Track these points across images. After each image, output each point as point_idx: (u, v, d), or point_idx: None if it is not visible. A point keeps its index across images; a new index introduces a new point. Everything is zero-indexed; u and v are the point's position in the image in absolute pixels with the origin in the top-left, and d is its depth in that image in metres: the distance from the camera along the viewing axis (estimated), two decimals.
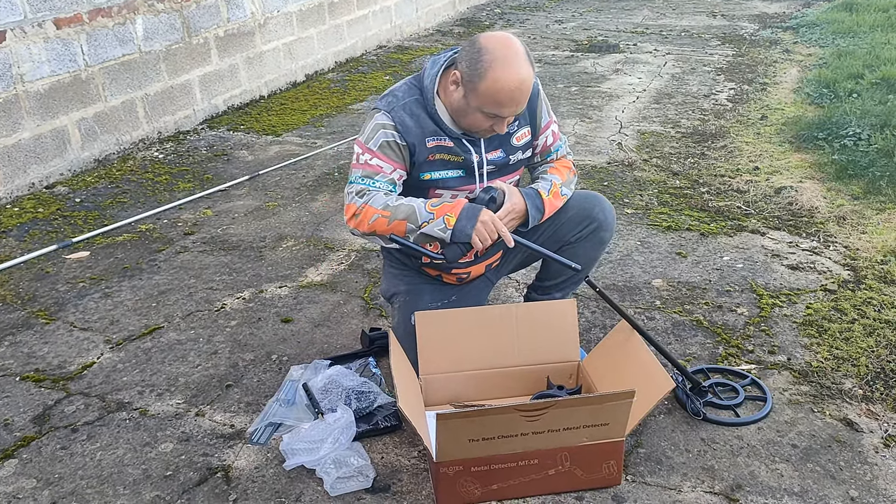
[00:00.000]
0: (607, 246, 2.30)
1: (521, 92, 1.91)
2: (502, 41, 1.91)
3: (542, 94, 2.15)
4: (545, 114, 2.17)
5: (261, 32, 5.23)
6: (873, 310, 2.61)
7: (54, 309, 2.77)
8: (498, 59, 1.88)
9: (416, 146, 2.03)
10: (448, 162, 2.06)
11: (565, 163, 2.26)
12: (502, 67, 1.87)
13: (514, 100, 1.92)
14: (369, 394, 2.12)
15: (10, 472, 1.99)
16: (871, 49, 5.90)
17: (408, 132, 2.01)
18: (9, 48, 3.60)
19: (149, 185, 3.89)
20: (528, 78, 1.91)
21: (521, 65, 1.89)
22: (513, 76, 1.88)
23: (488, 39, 1.91)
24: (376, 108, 2.04)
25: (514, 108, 1.95)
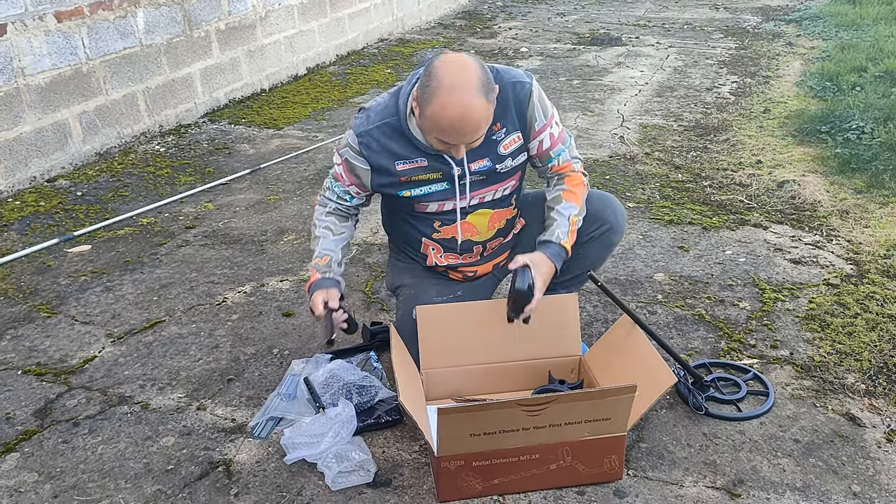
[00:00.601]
0: (616, 247, 2.29)
1: (464, 122, 1.81)
2: (454, 68, 1.81)
3: (535, 98, 2.03)
4: (539, 117, 2.05)
5: (262, 25, 5.21)
6: (876, 304, 2.61)
7: (56, 303, 2.77)
8: (444, 87, 1.79)
9: (381, 169, 2.03)
10: (426, 179, 2.04)
11: (577, 180, 2.12)
12: (446, 96, 1.78)
13: (457, 130, 1.83)
14: (370, 388, 2.12)
15: (11, 465, 1.99)
16: (875, 42, 5.88)
17: (373, 157, 2.01)
18: (10, 41, 3.59)
19: (150, 179, 3.89)
20: (473, 109, 1.80)
21: (466, 95, 1.78)
22: (455, 107, 1.79)
23: (441, 64, 1.83)
24: (351, 126, 2.04)
25: (460, 137, 1.86)
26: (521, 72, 2.05)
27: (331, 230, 2.16)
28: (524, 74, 2.04)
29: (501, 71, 2.02)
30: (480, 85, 1.81)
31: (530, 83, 2.02)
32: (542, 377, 2.17)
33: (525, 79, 2.02)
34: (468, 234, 2.13)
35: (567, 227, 2.06)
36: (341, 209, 2.18)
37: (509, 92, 1.99)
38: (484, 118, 1.85)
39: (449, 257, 2.20)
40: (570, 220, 2.07)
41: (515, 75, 2.02)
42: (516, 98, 2.00)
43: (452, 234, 2.14)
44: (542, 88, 2.07)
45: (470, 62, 1.85)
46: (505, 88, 1.98)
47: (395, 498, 1.85)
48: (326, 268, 2.11)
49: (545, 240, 2.05)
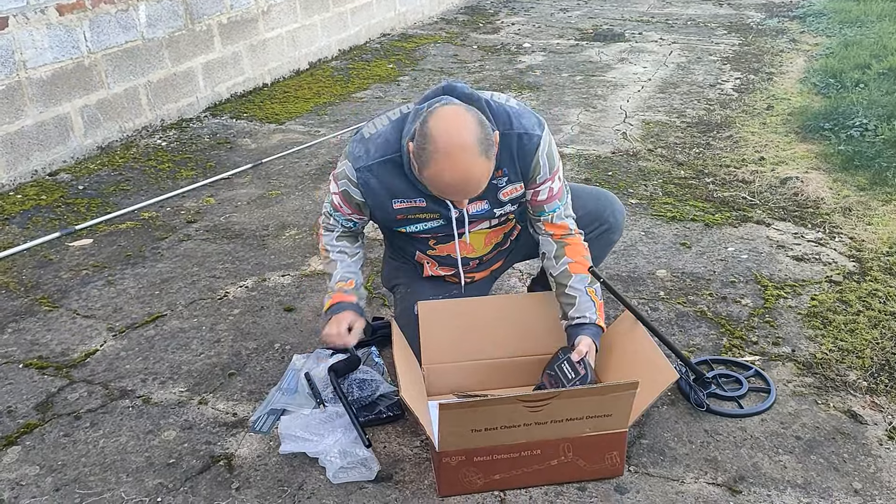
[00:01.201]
0: (615, 245, 2.28)
1: (466, 185, 1.77)
2: (450, 130, 1.71)
3: (541, 152, 1.94)
4: (543, 171, 1.96)
5: (264, 20, 5.20)
6: (878, 301, 2.60)
7: (57, 296, 2.77)
8: (440, 151, 1.70)
9: (379, 205, 1.98)
10: (423, 218, 2.01)
11: (579, 248, 2.04)
12: (444, 160, 1.71)
13: (458, 192, 1.80)
14: (371, 382, 2.12)
15: (13, 458, 1.99)
16: (879, 39, 5.86)
17: (370, 193, 1.95)
18: (11, 34, 3.58)
19: (151, 173, 3.89)
20: (473, 172, 1.74)
21: (465, 159, 1.71)
22: (454, 172, 1.72)
23: (437, 123, 1.73)
24: (348, 155, 1.96)
25: (463, 197, 1.83)
26: (533, 119, 1.95)
27: (346, 253, 2.13)
28: (536, 124, 1.94)
29: (513, 115, 1.92)
30: (478, 144, 1.72)
31: (539, 136, 1.93)
32: None
33: (535, 130, 1.93)
34: (465, 252, 2.12)
35: (592, 304, 2.00)
36: (349, 231, 2.14)
37: (515, 142, 1.91)
38: (485, 176, 1.78)
39: (445, 269, 2.19)
40: (589, 293, 2.00)
41: (527, 125, 1.93)
42: (521, 149, 1.92)
43: (448, 253, 2.12)
44: (552, 139, 1.99)
45: (467, 119, 1.74)
46: (510, 137, 1.90)
47: (395, 493, 1.85)
48: (355, 292, 2.08)
49: (579, 322, 1.98)
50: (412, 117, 1.87)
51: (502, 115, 1.91)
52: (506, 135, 1.89)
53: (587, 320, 1.98)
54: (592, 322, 1.99)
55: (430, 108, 1.79)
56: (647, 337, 2.01)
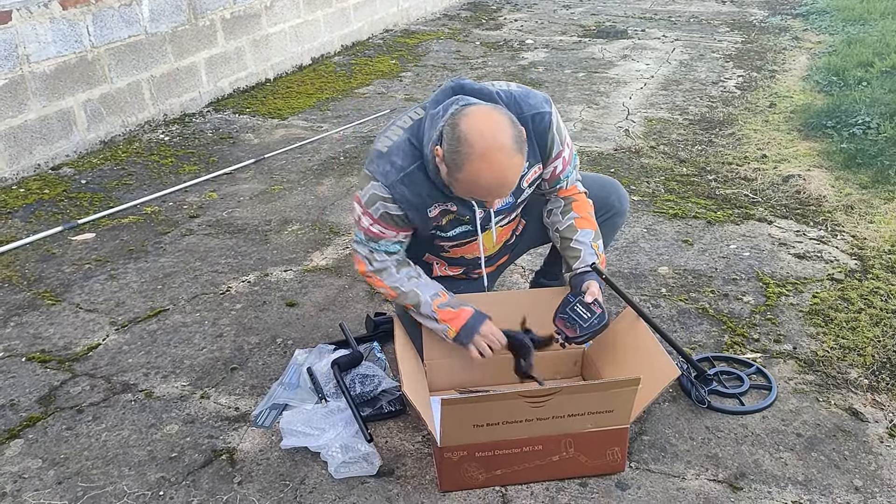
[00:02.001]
0: (620, 229, 2.30)
1: (503, 186, 1.76)
2: (483, 131, 1.69)
3: (553, 127, 1.95)
4: (556, 144, 1.97)
5: (267, 15, 5.20)
6: (880, 299, 2.60)
7: (60, 290, 2.78)
8: (476, 153, 1.69)
9: (417, 215, 1.92)
10: (454, 222, 1.99)
11: (585, 204, 2.07)
12: (481, 162, 1.69)
13: (493, 193, 1.78)
14: (373, 378, 2.13)
15: (16, 451, 2.00)
16: (882, 37, 5.85)
17: (408, 205, 1.89)
18: (14, 28, 3.58)
19: (154, 168, 3.89)
20: (511, 171, 1.73)
21: (503, 159, 1.70)
22: (492, 173, 1.71)
23: (470, 125, 1.70)
24: (373, 175, 1.87)
25: (497, 197, 1.83)
26: (539, 97, 1.95)
27: (415, 276, 2.02)
28: (542, 101, 1.94)
29: (520, 99, 1.92)
30: (514, 143, 1.71)
31: (549, 112, 1.93)
32: (545, 369, 2.17)
33: (544, 108, 1.93)
34: (476, 252, 2.12)
35: (595, 256, 2.01)
36: (401, 258, 2.03)
37: (530, 124, 1.90)
38: (518, 174, 1.78)
39: (454, 269, 2.19)
40: (593, 247, 2.02)
41: (535, 104, 1.92)
42: (537, 130, 1.93)
43: (462, 254, 2.12)
44: (557, 112, 1.99)
45: (501, 120, 1.73)
46: (525, 121, 1.88)
47: (397, 488, 1.86)
48: (456, 301, 2.01)
49: (584, 270, 2.00)
50: (429, 122, 1.84)
51: (512, 103, 1.91)
52: (520, 119, 1.88)
53: (594, 263, 2.01)
54: (596, 267, 2.01)
55: (455, 110, 1.77)
56: (649, 333, 2.01)
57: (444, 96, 1.85)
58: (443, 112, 1.80)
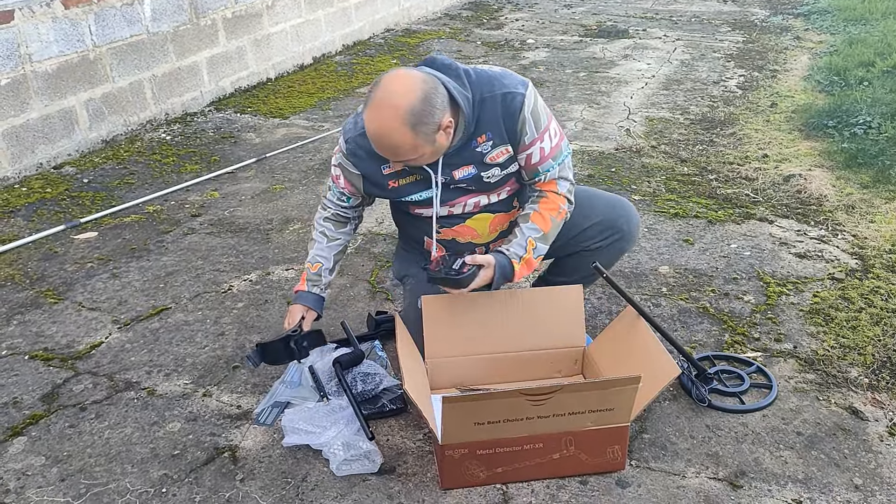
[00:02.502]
0: (625, 254, 2.29)
1: (379, 141, 1.79)
2: (389, 87, 1.76)
3: (526, 111, 1.92)
4: (530, 130, 1.94)
5: (268, 14, 5.21)
6: (880, 299, 2.61)
7: (62, 289, 2.79)
8: (374, 100, 1.76)
9: (369, 175, 2.02)
10: (418, 182, 2.02)
11: (552, 204, 2.03)
12: (372, 110, 1.77)
13: (377, 145, 1.82)
14: (375, 376, 2.13)
15: (19, 449, 2.01)
16: (883, 37, 5.85)
17: (360, 162, 2.00)
18: (17, 27, 3.59)
19: (156, 167, 3.90)
20: (393, 138, 1.76)
21: (388, 117, 1.74)
22: (373, 123, 1.77)
23: (388, 76, 1.78)
24: (342, 130, 2.03)
25: (388, 156, 1.85)
26: (516, 79, 1.94)
27: (326, 236, 2.18)
28: (519, 83, 1.93)
29: (494, 78, 1.92)
30: (407, 113, 1.73)
31: (523, 94, 1.91)
32: (545, 368, 2.18)
33: (517, 89, 1.92)
34: (469, 237, 2.12)
35: (524, 246, 1.99)
36: (340, 214, 2.19)
37: (499, 103, 1.90)
38: (404, 147, 1.79)
39: None
40: (527, 241, 2.00)
41: (509, 84, 1.92)
42: (506, 109, 1.91)
43: (453, 237, 2.13)
44: (538, 97, 1.97)
45: (414, 87, 1.75)
46: (494, 100, 1.90)
47: (398, 485, 1.86)
48: (316, 277, 2.16)
49: (499, 250, 2.00)
50: None
51: (484, 80, 1.92)
52: (488, 98, 1.90)
53: (506, 252, 1.99)
54: (507, 256, 1.98)
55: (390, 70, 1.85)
56: (650, 332, 2.02)
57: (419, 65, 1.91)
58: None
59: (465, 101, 1.87)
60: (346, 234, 2.21)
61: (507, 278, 2.01)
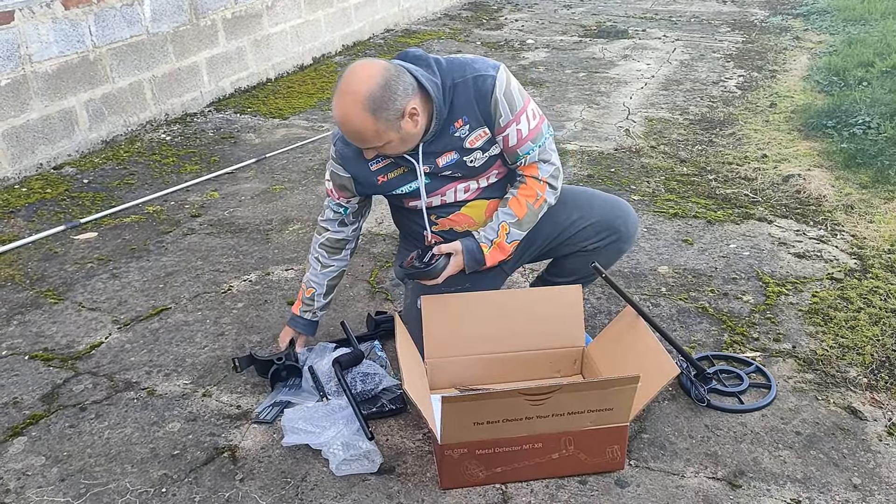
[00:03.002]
0: (625, 254, 2.30)
1: (342, 126, 1.85)
2: (350, 76, 1.81)
3: (498, 92, 1.94)
4: (504, 112, 1.96)
5: (268, 15, 5.21)
6: (879, 299, 2.61)
7: (62, 289, 2.79)
8: (338, 88, 1.83)
9: (358, 173, 2.04)
10: (405, 174, 2.04)
11: (530, 190, 2.04)
12: (336, 98, 1.83)
13: (349, 135, 1.88)
14: (374, 376, 2.14)
15: (19, 449, 2.01)
16: (883, 37, 5.86)
17: (347, 163, 2.03)
18: (17, 28, 3.60)
19: (156, 167, 3.90)
20: (352, 119, 1.81)
21: (349, 103, 1.80)
22: (338, 110, 1.83)
23: (352, 67, 1.84)
24: (333, 132, 2.06)
25: (348, 138, 1.90)
26: (488, 63, 1.98)
27: (320, 262, 2.22)
28: (490, 66, 1.97)
29: (467, 63, 1.96)
30: (367, 99, 1.78)
31: (493, 76, 1.94)
32: (545, 368, 2.19)
33: (488, 71, 1.95)
34: (466, 224, 2.13)
35: (493, 236, 2.04)
36: (334, 238, 2.20)
37: (471, 86, 1.93)
38: (368, 131, 1.83)
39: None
40: (500, 226, 2.04)
41: (479, 68, 1.95)
42: (478, 92, 1.94)
43: (450, 226, 2.14)
44: (512, 79, 1.98)
45: (374, 73, 1.80)
46: (466, 84, 1.93)
47: (398, 485, 1.87)
48: (309, 302, 2.23)
49: (469, 236, 2.06)
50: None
51: (456, 66, 1.95)
52: (460, 83, 1.93)
53: (477, 237, 2.05)
54: (477, 240, 2.04)
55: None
56: (649, 332, 2.02)
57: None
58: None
59: (434, 87, 1.90)
60: (340, 262, 2.24)
61: (478, 262, 2.05)
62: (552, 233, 2.18)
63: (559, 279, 2.30)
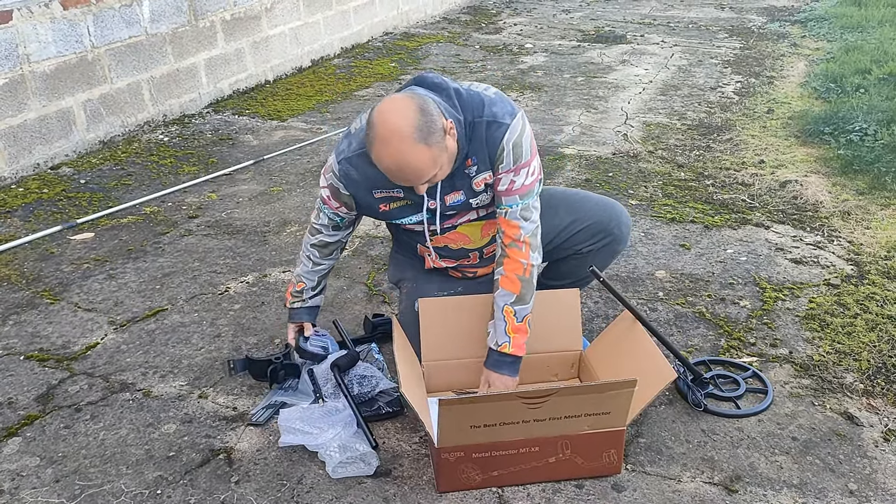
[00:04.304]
0: (619, 255, 2.30)
1: (403, 172, 1.77)
2: (386, 115, 1.74)
3: (506, 141, 1.90)
4: (507, 161, 1.92)
5: (267, 17, 5.21)
6: (876, 305, 2.62)
7: (59, 289, 2.78)
8: (378, 137, 1.74)
9: (360, 196, 2.01)
10: (406, 206, 2.02)
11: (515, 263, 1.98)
12: (381, 147, 1.74)
13: (401, 178, 1.81)
14: (371, 378, 2.13)
15: (14, 449, 2.00)
16: (880, 44, 5.88)
17: (351, 184, 1.99)
18: (15, 28, 3.59)
19: (153, 168, 3.89)
20: (409, 159, 1.74)
21: (399, 146, 1.72)
22: (391, 158, 1.74)
23: (380, 109, 1.76)
24: (334, 149, 2.02)
25: (406, 183, 1.83)
26: (506, 107, 1.92)
27: (311, 260, 2.20)
28: (507, 113, 1.91)
29: (486, 103, 1.91)
30: (415, 131, 1.72)
31: (507, 124, 1.90)
32: (542, 371, 2.18)
33: (505, 119, 1.90)
34: (461, 242, 2.12)
35: (503, 325, 1.99)
36: (325, 241, 2.17)
37: (483, 129, 1.90)
38: (425, 163, 1.76)
39: (447, 262, 2.20)
40: (504, 312, 1.99)
41: (496, 113, 1.90)
42: (489, 137, 1.90)
43: (445, 243, 2.13)
44: (526, 129, 1.94)
45: (406, 106, 1.75)
46: (480, 125, 1.89)
47: (394, 488, 1.86)
48: (299, 295, 2.22)
49: (490, 348, 2.03)
50: None
51: (475, 102, 1.90)
52: (476, 122, 1.89)
53: (493, 346, 2.01)
54: (497, 350, 2.00)
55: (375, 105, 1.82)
56: (646, 336, 2.02)
57: (407, 86, 1.90)
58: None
59: (457, 122, 1.87)
60: (331, 260, 2.23)
61: (513, 362, 2.01)
62: (546, 238, 2.17)
63: (554, 282, 2.30)
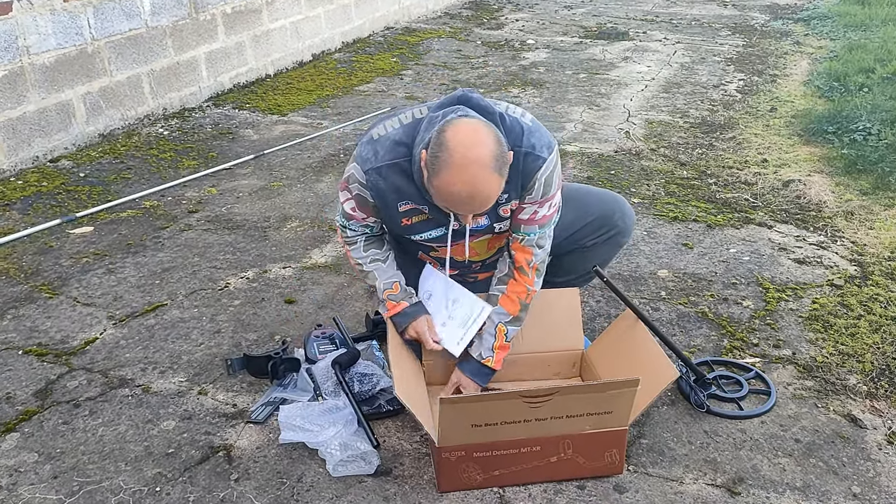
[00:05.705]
0: (623, 248, 2.29)
1: (474, 200, 1.73)
2: (465, 141, 1.68)
3: (540, 174, 1.89)
4: (536, 193, 1.91)
5: (268, 10, 5.18)
6: (879, 306, 2.60)
7: (58, 283, 2.77)
8: (454, 162, 1.68)
9: (386, 207, 1.94)
10: (429, 221, 1.97)
11: (520, 286, 2.02)
12: (457, 172, 1.68)
13: (466, 205, 1.76)
14: (372, 376, 2.12)
15: (11, 445, 1.99)
16: (883, 43, 5.86)
17: (379, 195, 1.92)
18: (15, 19, 3.57)
19: (153, 162, 3.87)
20: (485, 188, 1.71)
21: (478, 173, 1.68)
22: (465, 185, 1.69)
23: (454, 134, 1.70)
24: (357, 157, 1.93)
25: (468, 211, 1.79)
26: (544, 140, 1.90)
27: (378, 259, 2.08)
28: (545, 146, 1.89)
29: (525, 132, 1.88)
30: (494, 161, 1.69)
31: (545, 158, 1.88)
32: (543, 370, 2.17)
33: (543, 153, 1.88)
34: (469, 255, 2.10)
35: (492, 341, 2.02)
36: (372, 237, 2.09)
37: (521, 159, 1.86)
38: (495, 192, 1.75)
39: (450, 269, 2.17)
40: (497, 329, 2.01)
41: (535, 144, 1.88)
42: (525, 168, 1.88)
43: (452, 255, 2.09)
44: (558, 163, 1.94)
45: (485, 134, 1.71)
46: (518, 154, 1.85)
47: (395, 487, 1.85)
48: (404, 294, 2.06)
49: (470, 354, 2.05)
50: (426, 125, 1.83)
51: (515, 131, 1.87)
52: (515, 151, 1.85)
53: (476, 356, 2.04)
54: (478, 360, 2.04)
55: (449, 118, 1.76)
56: (648, 336, 2.01)
57: (450, 103, 1.84)
58: (441, 118, 1.79)
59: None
60: (391, 248, 2.13)
61: (489, 375, 2.05)
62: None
63: (556, 278, 2.28)
